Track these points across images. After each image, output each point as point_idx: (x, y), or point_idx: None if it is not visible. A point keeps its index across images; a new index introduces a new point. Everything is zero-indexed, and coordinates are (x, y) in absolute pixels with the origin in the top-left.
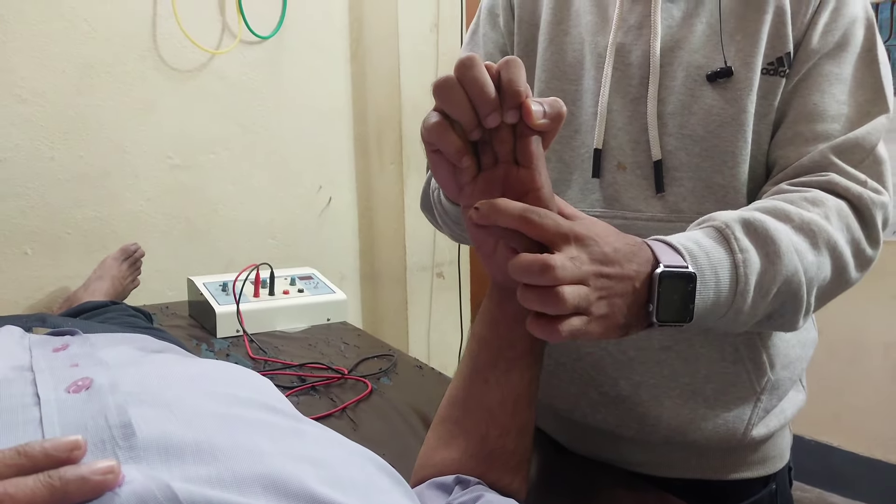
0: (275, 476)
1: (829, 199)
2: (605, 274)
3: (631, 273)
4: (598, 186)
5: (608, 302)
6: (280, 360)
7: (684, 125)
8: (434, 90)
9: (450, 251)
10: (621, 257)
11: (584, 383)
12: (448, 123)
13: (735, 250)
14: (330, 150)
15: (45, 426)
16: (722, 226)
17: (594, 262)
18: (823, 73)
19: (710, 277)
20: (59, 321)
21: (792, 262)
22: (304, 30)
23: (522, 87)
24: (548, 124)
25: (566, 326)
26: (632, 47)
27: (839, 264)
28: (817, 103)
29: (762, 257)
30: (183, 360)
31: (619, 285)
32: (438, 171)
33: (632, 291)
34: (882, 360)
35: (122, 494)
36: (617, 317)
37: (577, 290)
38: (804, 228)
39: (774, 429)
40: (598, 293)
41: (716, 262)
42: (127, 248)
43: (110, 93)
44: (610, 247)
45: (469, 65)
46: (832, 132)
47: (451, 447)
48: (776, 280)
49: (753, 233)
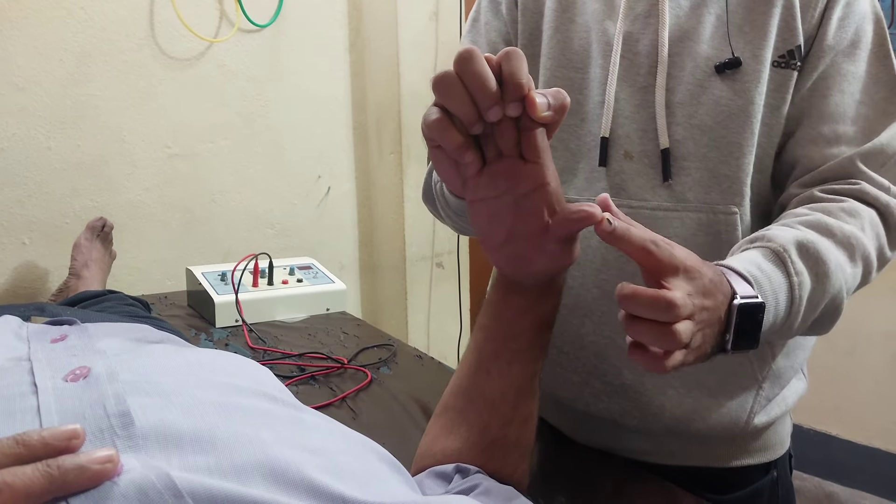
0: (274, 465)
1: (863, 210)
2: (706, 307)
3: (720, 304)
4: (605, 175)
5: (702, 333)
6: (279, 350)
7: (693, 115)
8: (433, 85)
9: (449, 241)
10: (714, 289)
11: (588, 373)
12: (448, 119)
13: (791, 273)
14: (329, 139)
15: (43, 415)
16: (780, 249)
17: (698, 295)
18: (842, 73)
19: (771, 302)
20: (58, 310)
21: (838, 280)
22: (302, 18)
23: (525, 79)
24: (552, 116)
25: (672, 361)
26: (640, 36)
27: (867, 271)
28: (838, 104)
29: (812, 277)
30: (181, 350)
31: (713, 317)
32: (441, 167)
33: (718, 321)
34: (882, 350)
35: (121, 483)
36: (706, 347)
37: (688, 325)
38: (844, 242)
39: (776, 416)
40: (698, 326)
41: (776, 286)
42: (94, 226)
43: (107, 81)
44: (707, 279)
45: (468, 58)
46: (854, 134)
47: (453, 437)
48: (825, 297)
49: (806, 255)
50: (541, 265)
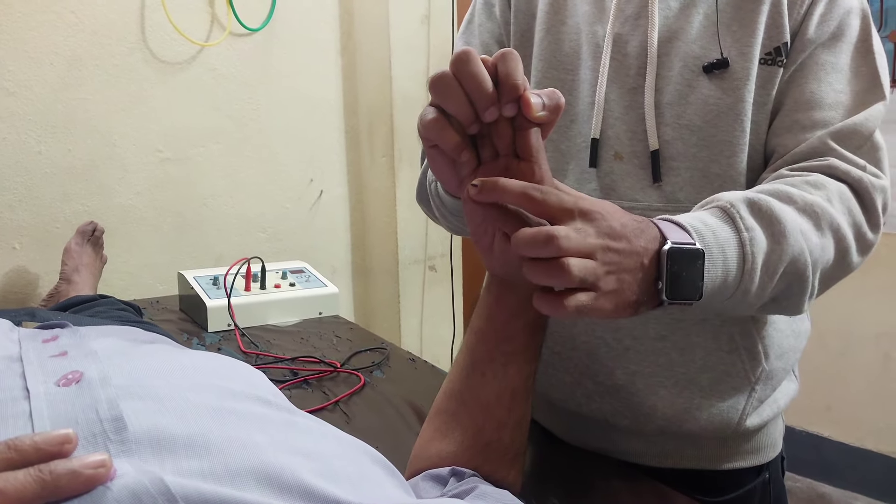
0: (268, 469)
1: (830, 182)
2: (613, 248)
3: (639, 249)
4: (595, 176)
5: (617, 277)
6: (272, 354)
7: (681, 115)
8: (430, 86)
9: (442, 244)
10: (629, 232)
11: (580, 373)
12: (445, 119)
13: (741, 228)
14: (321, 143)
15: (35, 420)
16: (727, 205)
17: (601, 235)
18: (820, 63)
19: (717, 255)
20: (49, 315)
21: (798, 242)
22: (294, 22)
23: (520, 79)
24: (547, 116)
25: (573, 301)
26: (629, 37)
27: (842, 247)
28: (814, 91)
29: (768, 237)
30: (175, 353)
31: (628, 260)
32: (437, 166)
33: (640, 267)
34: (873, 351)
35: (114, 488)
36: (627, 293)
37: (584, 262)
38: (807, 210)
39: (768, 418)
40: (606, 267)
41: (722, 240)
42: (84, 230)
43: (98, 85)
44: (617, 222)
45: (465, 59)
46: (830, 120)
47: (447, 440)
48: (783, 259)
49: (758, 212)
50: None
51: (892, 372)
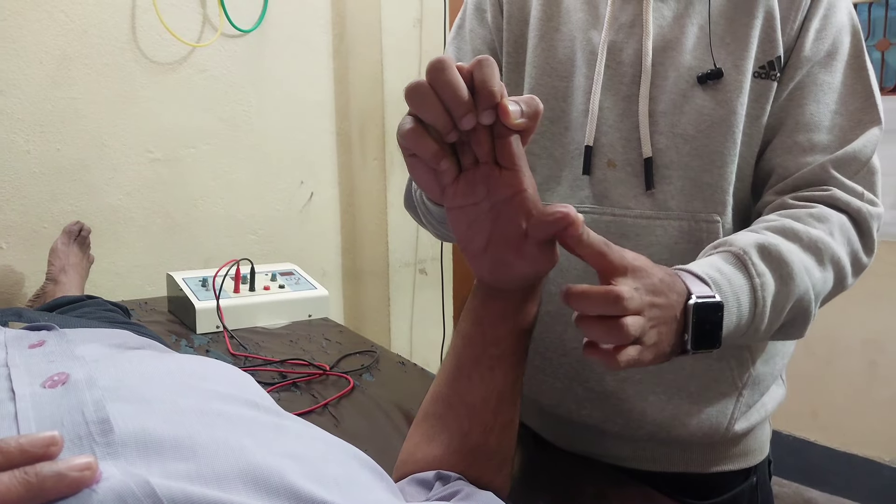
0: (256, 472)
1: (832, 215)
2: (657, 304)
3: (674, 303)
4: (588, 183)
5: (658, 331)
6: (261, 357)
7: (675, 124)
8: (406, 95)
9: (432, 247)
10: (666, 288)
11: (570, 379)
12: (423, 128)
13: (753, 275)
14: (312, 145)
15: (21, 422)
16: (740, 252)
17: (649, 292)
18: (818, 83)
19: (732, 304)
20: (36, 316)
21: (803, 282)
22: (286, 24)
23: (496, 86)
24: (525, 123)
25: (624, 356)
26: (623, 45)
27: (840, 276)
28: (813, 113)
29: (776, 279)
30: (162, 356)
31: (667, 314)
32: (418, 175)
33: (674, 321)
34: (859, 357)
35: (100, 491)
36: (664, 345)
37: (637, 320)
38: (812, 247)
39: (755, 423)
40: (651, 322)
41: (737, 288)
42: (70, 230)
43: (88, 85)
44: (657, 278)
45: (440, 68)
46: (828, 143)
47: (434, 444)
48: (790, 299)
49: (768, 256)
50: (521, 270)
51: (877, 378)
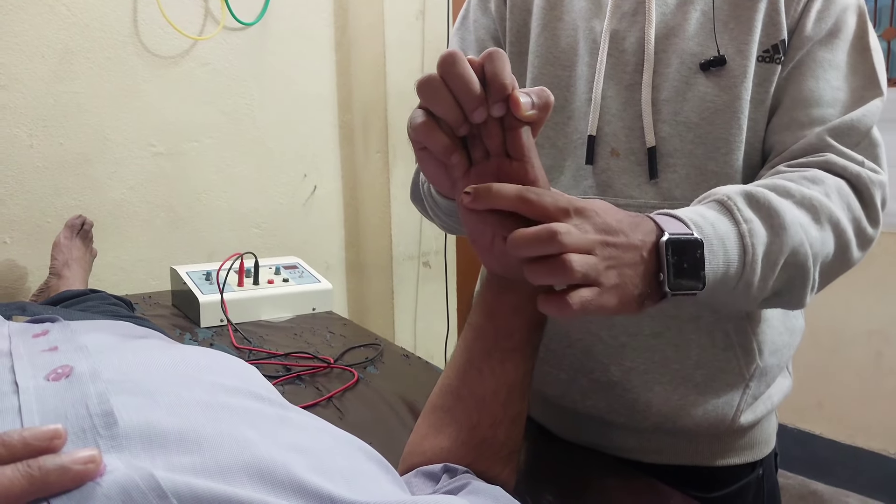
0: (261, 464)
1: (828, 177)
2: (612, 243)
3: (637, 242)
4: (591, 173)
5: (618, 272)
6: (265, 350)
7: (678, 112)
8: (418, 89)
9: (436, 240)
10: (625, 227)
11: (575, 370)
12: (434, 122)
13: (739, 221)
14: (315, 138)
15: (24, 415)
16: (724, 198)
17: (599, 231)
18: (817, 60)
19: (717, 247)
20: (40, 309)
21: (797, 234)
22: (288, 17)
23: (508, 79)
24: (536, 115)
25: (576, 297)
26: (626, 34)
27: (842, 241)
28: (813, 89)
29: (767, 229)
30: (166, 348)
31: (627, 255)
32: (428, 169)
33: (640, 261)
34: (865, 349)
35: (104, 484)
36: (630, 288)
37: (585, 258)
38: (805, 204)
39: (762, 415)
40: (606, 262)
41: (722, 232)
42: (73, 224)
43: (90, 79)
44: (612, 218)
45: (451, 61)
46: (828, 116)
47: (442, 435)
48: (783, 251)
49: (756, 205)
50: None
51: (883, 369)
